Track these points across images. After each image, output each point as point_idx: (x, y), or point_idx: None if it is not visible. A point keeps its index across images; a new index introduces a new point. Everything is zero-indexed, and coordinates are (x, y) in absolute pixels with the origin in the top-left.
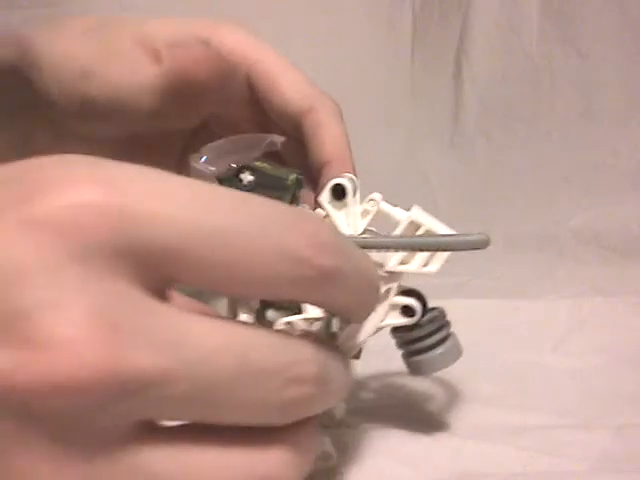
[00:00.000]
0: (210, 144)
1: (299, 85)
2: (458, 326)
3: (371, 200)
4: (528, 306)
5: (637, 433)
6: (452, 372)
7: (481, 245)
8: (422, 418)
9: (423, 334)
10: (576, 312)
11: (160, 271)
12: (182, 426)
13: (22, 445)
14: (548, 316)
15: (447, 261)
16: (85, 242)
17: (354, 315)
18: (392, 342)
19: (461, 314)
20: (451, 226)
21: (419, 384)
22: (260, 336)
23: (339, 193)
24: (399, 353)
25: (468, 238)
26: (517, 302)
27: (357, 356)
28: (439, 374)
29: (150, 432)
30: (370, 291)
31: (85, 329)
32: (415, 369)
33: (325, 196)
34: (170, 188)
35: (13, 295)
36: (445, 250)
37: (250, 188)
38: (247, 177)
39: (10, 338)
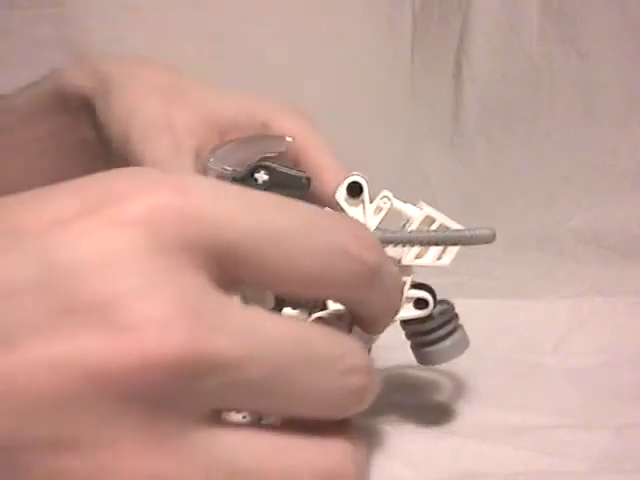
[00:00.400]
0: (223, 145)
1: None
2: None
3: (384, 197)
4: (528, 306)
5: (637, 433)
6: (452, 372)
7: (489, 239)
8: (422, 417)
9: (435, 326)
10: (576, 312)
11: (229, 270)
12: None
13: (119, 427)
14: (548, 316)
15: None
16: (167, 238)
17: (381, 320)
18: (392, 340)
19: (461, 314)
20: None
21: (418, 383)
22: (316, 328)
23: (355, 190)
24: (399, 351)
25: (478, 232)
26: (517, 302)
27: (368, 352)
28: (439, 374)
29: (222, 421)
30: (398, 295)
31: (170, 314)
32: (425, 360)
33: (341, 193)
34: (229, 194)
35: (105, 284)
36: (458, 244)
37: (265, 187)
38: (262, 176)
39: (103, 323)
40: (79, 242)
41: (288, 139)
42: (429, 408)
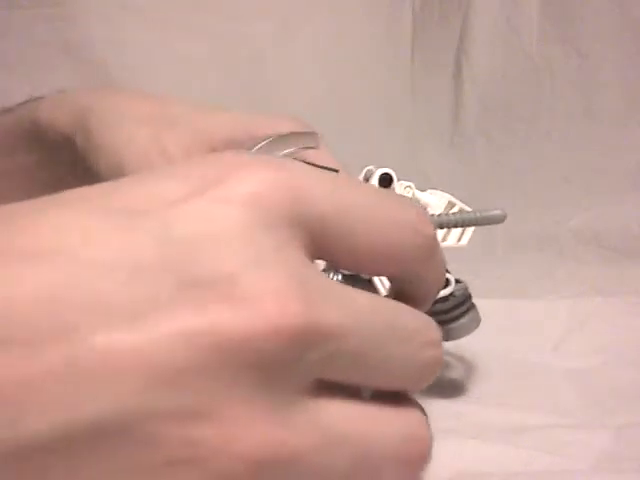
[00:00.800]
0: (258, 143)
1: None
2: None
3: (407, 187)
4: (528, 306)
5: (637, 433)
6: (452, 372)
7: (502, 219)
8: None
9: (456, 303)
10: (576, 312)
11: (318, 246)
12: (339, 389)
13: (242, 395)
14: (548, 316)
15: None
16: (273, 214)
17: (432, 295)
18: None
19: None
20: None
21: None
22: (397, 303)
23: (386, 181)
24: None
25: (493, 213)
26: (517, 302)
27: None
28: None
29: (323, 390)
30: (445, 270)
31: (284, 286)
32: (446, 336)
33: (373, 183)
34: (317, 172)
35: (221, 259)
36: (478, 224)
37: None
38: None
39: (223, 295)
40: (193, 221)
41: (319, 134)
42: (428, 408)
